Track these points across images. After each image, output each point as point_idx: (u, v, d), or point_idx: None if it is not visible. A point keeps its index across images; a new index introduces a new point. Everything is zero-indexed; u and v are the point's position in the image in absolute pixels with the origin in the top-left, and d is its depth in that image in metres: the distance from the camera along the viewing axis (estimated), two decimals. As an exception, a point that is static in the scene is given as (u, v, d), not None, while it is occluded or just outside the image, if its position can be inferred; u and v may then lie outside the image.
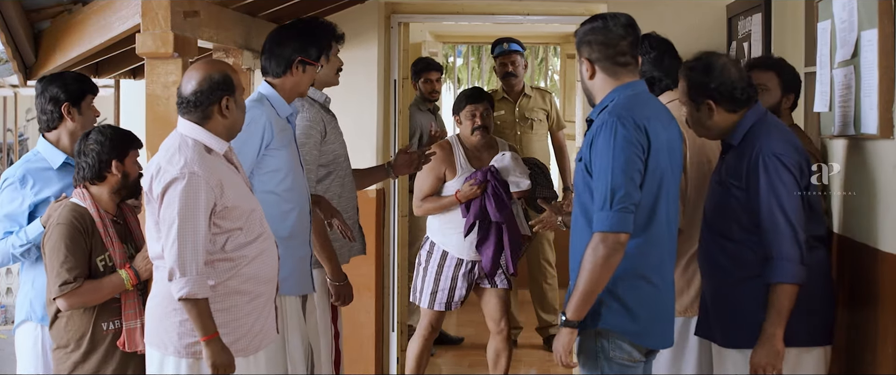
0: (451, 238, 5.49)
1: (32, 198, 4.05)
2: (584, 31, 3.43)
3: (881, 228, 3.40)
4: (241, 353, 3.52)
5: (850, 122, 3.59)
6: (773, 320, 3.38)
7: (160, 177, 3.40)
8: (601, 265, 3.20)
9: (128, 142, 3.88)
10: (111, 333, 3.84)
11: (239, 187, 3.53)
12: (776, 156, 3.42)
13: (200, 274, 3.36)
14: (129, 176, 3.87)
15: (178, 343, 3.48)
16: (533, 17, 6.35)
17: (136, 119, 4.70)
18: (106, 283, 3.80)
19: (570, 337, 3.31)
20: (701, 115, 3.60)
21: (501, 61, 7.33)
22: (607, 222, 3.19)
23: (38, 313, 4.06)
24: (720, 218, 3.57)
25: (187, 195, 3.35)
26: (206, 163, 3.41)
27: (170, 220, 3.36)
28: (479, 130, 5.53)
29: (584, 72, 3.44)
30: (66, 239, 3.75)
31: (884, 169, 3.39)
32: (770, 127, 3.53)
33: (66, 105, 4.11)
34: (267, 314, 3.62)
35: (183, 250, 3.35)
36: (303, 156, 4.23)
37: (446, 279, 5.48)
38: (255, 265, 3.54)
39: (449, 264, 5.48)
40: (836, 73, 3.71)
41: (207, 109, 3.48)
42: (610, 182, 3.20)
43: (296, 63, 4.12)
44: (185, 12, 4.01)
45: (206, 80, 3.47)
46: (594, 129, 3.30)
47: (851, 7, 3.55)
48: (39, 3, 4.44)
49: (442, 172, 5.50)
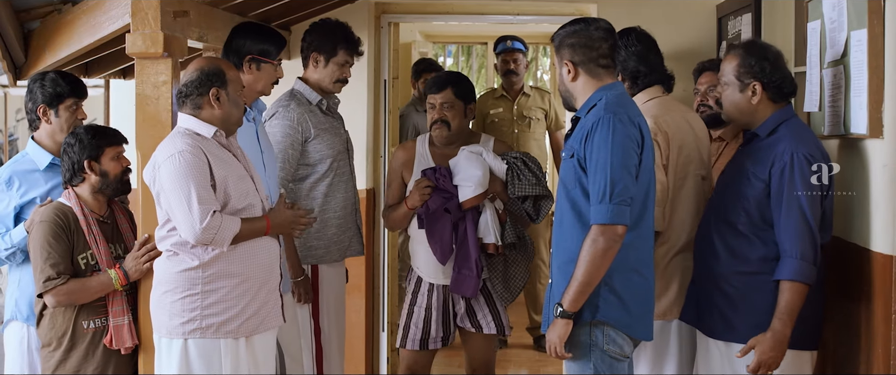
0: (419, 257, 4.67)
1: (18, 200, 4.06)
2: (565, 34, 3.52)
3: (872, 228, 3.41)
4: (230, 335, 3.61)
5: (840, 122, 3.60)
6: (784, 318, 3.40)
7: (154, 167, 3.57)
8: (600, 257, 3.26)
9: (103, 140, 3.89)
10: (92, 331, 3.86)
11: (232, 169, 3.64)
12: (806, 156, 3.44)
13: (208, 228, 3.49)
14: (109, 174, 3.88)
15: (169, 324, 3.61)
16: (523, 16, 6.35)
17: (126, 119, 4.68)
18: (94, 282, 3.81)
19: (566, 329, 3.36)
20: (742, 97, 3.61)
21: (504, 59, 7.34)
22: (607, 215, 3.25)
23: (24, 312, 4.08)
24: (730, 205, 3.58)
25: (175, 166, 3.50)
26: (194, 143, 3.56)
27: (165, 192, 3.53)
28: (437, 125, 4.62)
29: (566, 75, 3.52)
30: (49, 236, 3.79)
31: (874, 168, 3.40)
32: (799, 127, 3.58)
33: (43, 107, 4.11)
34: (262, 299, 3.68)
35: (184, 210, 3.48)
36: (277, 155, 4.26)
37: (420, 309, 4.64)
38: (246, 248, 3.63)
39: (422, 292, 4.65)
40: (826, 73, 3.72)
41: (198, 100, 3.65)
42: (609, 175, 3.26)
43: (246, 61, 4.20)
44: (175, 12, 4.00)
45: (198, 72, 3.65)
46: (588, 125, 3.35)
47: (841, 7, 3.56)
48: (29, 3, 4.43)
49: (401, 174, 4.74)
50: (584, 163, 3.34)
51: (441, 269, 4.55)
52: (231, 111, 3.69)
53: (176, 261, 3.61)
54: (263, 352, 3.73)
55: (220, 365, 3.60)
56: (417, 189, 4.50)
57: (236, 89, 3.71)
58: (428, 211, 4.48)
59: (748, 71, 3.58)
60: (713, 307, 3.61)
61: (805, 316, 3.49)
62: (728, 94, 3.65)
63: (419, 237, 4.57)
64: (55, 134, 4.10)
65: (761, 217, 3.49)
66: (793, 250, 3.40)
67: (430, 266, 4.57)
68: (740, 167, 3.61)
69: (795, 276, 3.39)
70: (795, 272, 3.39)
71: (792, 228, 3.41)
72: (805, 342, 3.54)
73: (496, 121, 7.20)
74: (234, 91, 3.70)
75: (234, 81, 3.70)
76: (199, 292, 3.57)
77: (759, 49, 3.62)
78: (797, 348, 3.51)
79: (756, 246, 3.50)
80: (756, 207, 3.50)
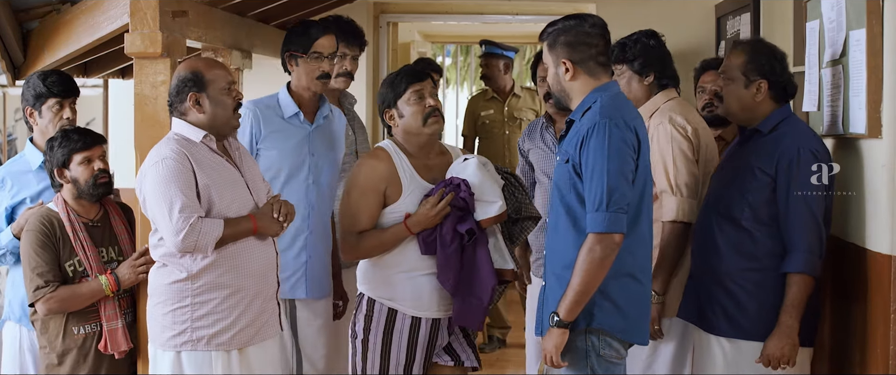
0: (400, 287, 3.77)
1: (9, 201, 4.07)
2: (559, 30, 3.42)
3: (869, 227, 3.41)
4: (222, 347, 3.54)
5: (838, 122, 3.60)
6: (791, 311, 3.42)
7: (142, 175, 3.53)
8: (597, 266, 3.21)
9: (69, 145, 3.83)
10: (82, 337, 3.84)
11: (220, 175, 3.55)
12: (812, 152, 3.46)
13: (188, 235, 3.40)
14: (79, 180, 3.84)
15: (161, 337, 3.55)
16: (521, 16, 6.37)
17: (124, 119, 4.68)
18: (84, 288, 3.79)
19: (563, 338, 3.31)
20: (746, 93, 3.60)
21: (482, 63, 7.33)
22: (604, 223, 3.20)
23: (17, 313, 4.11)
24: (732, 201, 3.58)
25: (158, 173, 3.44)
26: (179, 148, 3.49)
27: (148, 199, 3.47)
28: (434, 117, 3.78)
29: (563, 75, 3.41)
30: (35, 245, 3.78)
31: (872, 168, 3.40)
32: (801, 124, 3.60)
33: (28, 108, 4.11)
34: (256, 309, 3.60)
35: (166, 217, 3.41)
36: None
37: (399, 352, 3.77)
38: (237, 258, 3.55)
39: (400, 329, 3.76)
40: (825, 73, 3.72)
41: (180, 106, 3.58)
42: (606, 183, 3.20)
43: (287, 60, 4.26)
44: (174, 12, 4.00)
45: (175, 78, 3.60)
46: (583, 131, 3.29)
47: (840, 7, 3.56)
48: (28, 3, 4.43)
49: (382, 192, 3.76)
50: (579, 169, 3.29)
51: (436, 300, 3.76)
52: (215, 113, 3.57)
53: (165, 273, 3.54)
54: (260, 363, 3.65)
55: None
56: (432, 207, 3.68)
57: (218, 90, 3.57)
58: (440, 233, 3.73)
59: (756, 68, 3.59)
60: (716, 304, 3.61)
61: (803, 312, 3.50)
62: (732, 90, 3.64)
63: (400, 262, 3.76)
64: (45, 133, 4.09)
65: (766, 212, 3.49)
66: (801, 243, 3.41)
67: (422, 297, 3.75)
68: (742, 163, 3.60)
69: (805, 269, 3.41)
70: (805, 264, 3.41)
71: (800, 221, 3.42)
72: (803, 338, 3.54)
73: (487, 122, 7.20)
74: (217, 92, 3.57)
75: (214, 81, 3.57)
76: (189, 304, 3.50)
77: (768, 48, 3.64)
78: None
79: (761, 243, 3.50)
80: (763, 203, 3.50)
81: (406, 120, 3.77)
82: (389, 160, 3.76)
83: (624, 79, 4.07)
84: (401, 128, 3.80)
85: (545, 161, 4.74)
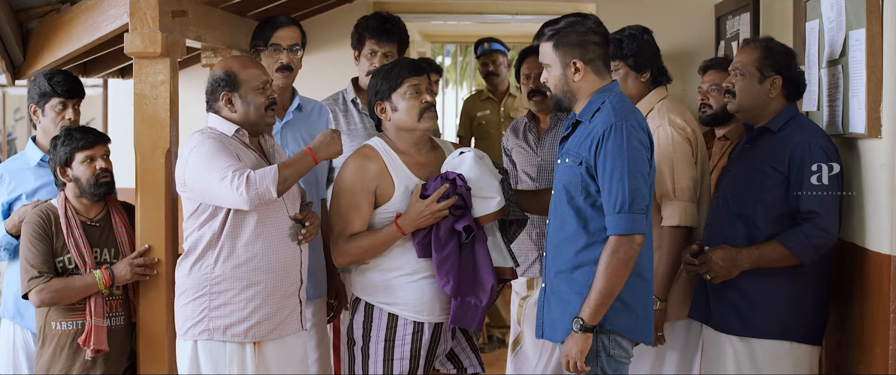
0: (400, 291, 3.62)
1: (6, 197, 4.08)
2: (565, 30, 3.36)
3: (869, 227, 3.41)
4: (237, 339, 3.59)
5: (838, 122, 3.60)
6: (754, 257, 3.48)
7: (184, 162, 3.57)
8: (621, 268, 3.22)
9: (71, 145, 3.85)
10: (60, 333, 3.84)
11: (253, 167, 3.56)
12: (823, 148, 3.47)
13: (251, 182, 3.41)
14: (81, 179, 3.85)
15: (182, 327, 3.66)
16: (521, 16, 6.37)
17: (124, 118, 4.68)
18: (79, 281, 3.79)
19: (587, 343, 3.28)
20: (760, 89, 3.60)
21: (483, 61, 7.33)
22: (626, 225, 3.20)
23: (10, 310, 4.13)
24: (745, 201, 3.58)
25: (203, 150, 3.51)
26: (215, 136, 3.57)
27: (200, 177, 3.50)
28: (429, 112, 3.64)
29: (571, 75, 3.35)
30: (32, 237, 3.80)
31: (872, 168, 3.40)
32: (810, 122, 3.61)
33: (33, 106, 4.12)
34: (274, 305, 3.63)
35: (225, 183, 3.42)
36: None
37: (402, 360, 3.61)
38: (259, 254, 3.59)
39: (402, 336, 3.61)
40: (824, 73, 3.73)
41: (215, 104, 3.67)
42: (627, 185, 3.20)
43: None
44: (174, 12, 4.01)
45: (210, 77, 3.68)
46: (598, 133, 3.26)
47: (839, 7, 3.56)
48: (28, 3, 4.44)
49: (372, 192, 3.62)
50: (593, 171, 3.28)
51: (439, 304, 3.61)
52: (247, 112, 3.64)
53: (186, 264, 3.62)
54: (278, 360, 3.67)
55: (227, 368, 3.58)
56: (426, 206, 3.51)
57: (251, 89, 3.63)
58: (437, 233, 3.58)
59: (772, 64, 3.59)
60: (728, 303, 3.60)
61: (810, 311, 3.51)
62: (744, 85, 3.62)
63: (401, 265, 3.62)
64: (48, 132, 4.10)
65: (779, 210, 3.50)
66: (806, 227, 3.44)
67: (423, 301, 3.60)
68: (753, 162, 3.60)
69: (792, 246, 3.44)
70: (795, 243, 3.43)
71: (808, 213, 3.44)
72: (807, 336, 3.55)
73: (483, 123, 7.20)
74: (249, 91, 3.63)
75: (248, 81, 3.63)
76: (207, 294, 3.57)
77: (782, 45, 3.65)
78: (804, 342, 3.53)
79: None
80: (777, 202, 3.50)
81: (400, 114, 3.62)
82: (379, 158, 3.62)
83: (619, 76, 3.99)
84: (393, 122, 3.64)
85: (526, 161, 4.73)
